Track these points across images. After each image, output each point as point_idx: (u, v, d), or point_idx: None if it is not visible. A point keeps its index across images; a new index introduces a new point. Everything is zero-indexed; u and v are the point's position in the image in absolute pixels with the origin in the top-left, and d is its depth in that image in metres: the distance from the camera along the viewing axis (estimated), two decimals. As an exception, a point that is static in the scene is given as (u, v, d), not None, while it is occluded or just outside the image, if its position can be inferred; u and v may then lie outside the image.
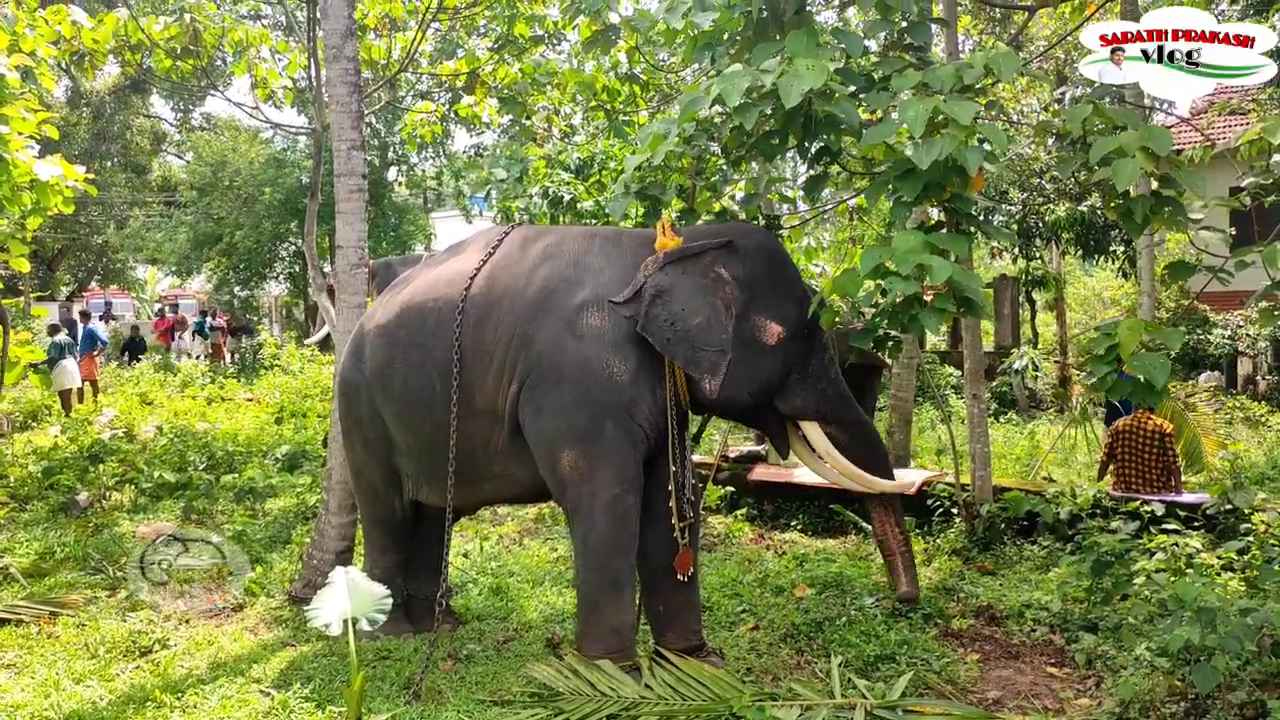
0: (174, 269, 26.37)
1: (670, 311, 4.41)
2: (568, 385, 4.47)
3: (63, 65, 9.82)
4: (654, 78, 9.29)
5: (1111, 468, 7.14)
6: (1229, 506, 5.81)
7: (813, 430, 4.59)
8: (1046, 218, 15.32)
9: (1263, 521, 5.16)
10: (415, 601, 5.35)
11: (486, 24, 10.68)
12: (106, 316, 25.54)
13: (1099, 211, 14.55)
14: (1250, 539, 5.10)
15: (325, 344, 14.02)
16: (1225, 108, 10.82)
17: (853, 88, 4.48)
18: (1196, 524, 5.73)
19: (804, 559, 6.67)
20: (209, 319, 23.25)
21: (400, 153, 24.42)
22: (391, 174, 25.22)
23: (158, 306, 29.21)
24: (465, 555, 6.90)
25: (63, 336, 13.84)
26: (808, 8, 4.79)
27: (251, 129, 26.25)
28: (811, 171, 5.10)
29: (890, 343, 4.89)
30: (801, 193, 5.61)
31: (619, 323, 4.48)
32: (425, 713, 4.25)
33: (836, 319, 4.84)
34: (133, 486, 8.59)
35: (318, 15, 8.66)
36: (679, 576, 4.64)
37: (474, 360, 4.67)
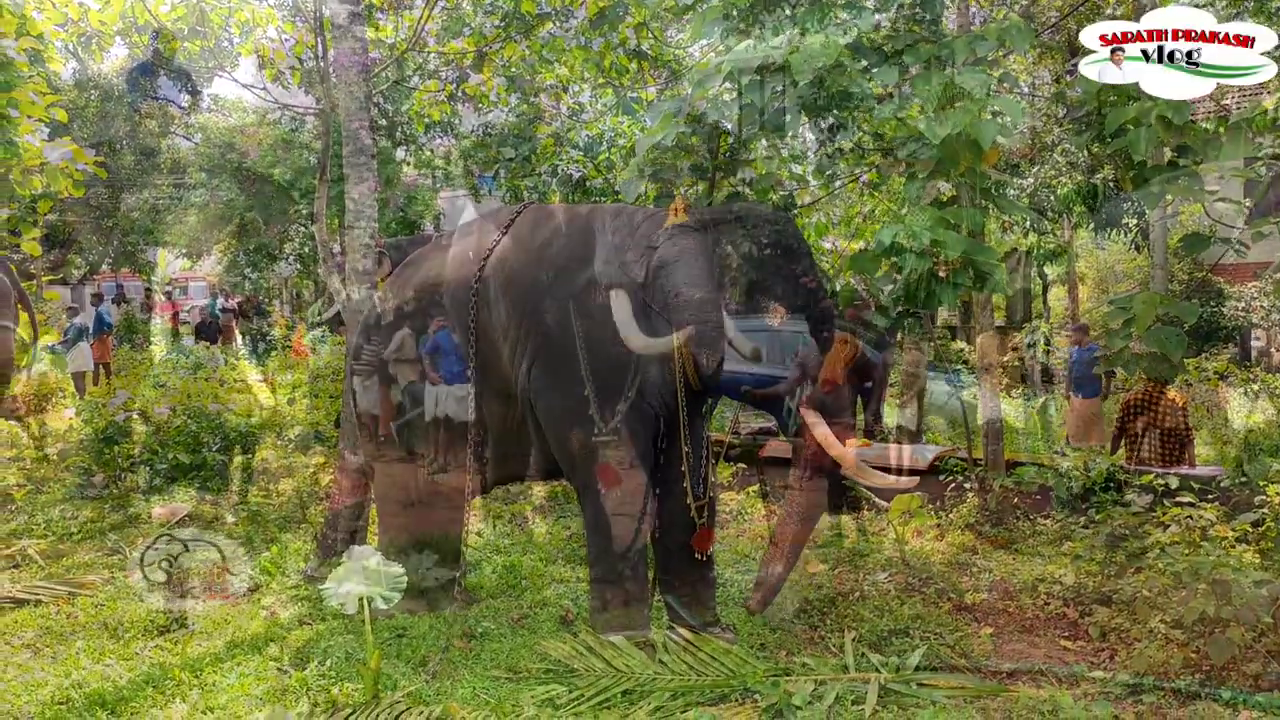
0: (184, 251, 26.39)
1: (672, 284, 4.36)
2: (575, 364, 4.46)
3: (70, 48, 9.79)
4: (662, 54, 9.21)
5: (1124, 441, 7.13)
6: (1243, 479, 5.79)
7: (810, 417, 4.47)
8: (1058, 191, 15.19)
9: (1277, 493, 5.14)
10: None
11: (493, 1, 10.58)
12: (119, 299, 25.60)
13: (1111, 184, 14.42)
14: (1264, 511, 5.08)
15: (335, 323, 14.04)
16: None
17: (864, 62, 4.43)
18: (1211, 496, 5.71)
19: (816, 534, 6.67)
20: (219, 300, 23.30)
21: (408, 132, 24.30)
22: (399, 154, 25.09)
23: (167, 289, 29.27)
24: (478, 534, 6.93)
25: (81, 319, 13.89)
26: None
27: (259, 110, 26.16)
28: (823, 148, 5.07)
29: (908, 320, 4.85)
30: (813, 168, 5.57)
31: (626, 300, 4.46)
32: (441, 689, 4.28)
33: (854, 300, 4.81)
34: (147, 468, 8.64)
35: (324, -6, 8.61)
36: (697, 555, 4.64)
37: (489, 342, 4.67)
